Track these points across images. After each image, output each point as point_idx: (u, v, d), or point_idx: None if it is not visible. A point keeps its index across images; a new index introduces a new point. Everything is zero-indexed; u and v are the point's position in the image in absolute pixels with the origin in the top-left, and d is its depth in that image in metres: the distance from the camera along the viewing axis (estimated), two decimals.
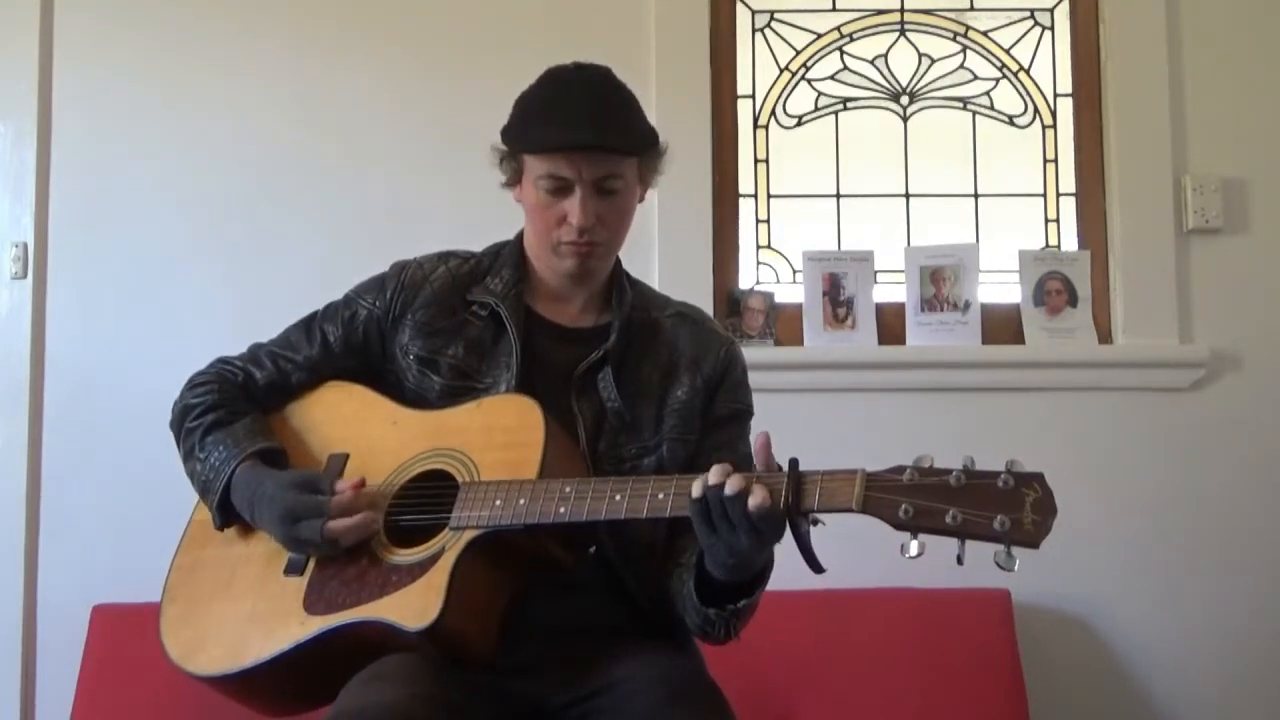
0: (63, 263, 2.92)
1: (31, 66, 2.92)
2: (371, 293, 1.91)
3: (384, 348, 1.89)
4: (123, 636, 2.61)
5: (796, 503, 1.50)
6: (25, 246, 2.90)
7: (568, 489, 1.63)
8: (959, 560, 1.44)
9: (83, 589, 2.75)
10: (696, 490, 1.54)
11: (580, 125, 1.77)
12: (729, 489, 1.51)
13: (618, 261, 1.93)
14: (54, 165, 2.93)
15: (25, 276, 2.89)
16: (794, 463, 1.53)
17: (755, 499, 1.50)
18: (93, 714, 2.59)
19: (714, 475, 1.54)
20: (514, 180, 1.86)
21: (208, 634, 1.77)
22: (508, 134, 1.85)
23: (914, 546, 1.45)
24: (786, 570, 1.56)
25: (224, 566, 1.82)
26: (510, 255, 1.91)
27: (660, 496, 1.59)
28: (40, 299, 2.90)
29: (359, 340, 1.90)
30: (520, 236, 1.93)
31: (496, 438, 1.72)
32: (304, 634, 1.68)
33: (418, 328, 1.86)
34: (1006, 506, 1.43)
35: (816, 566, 1.56)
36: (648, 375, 1.85)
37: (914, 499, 1.45)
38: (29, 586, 2.83)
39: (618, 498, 1.61)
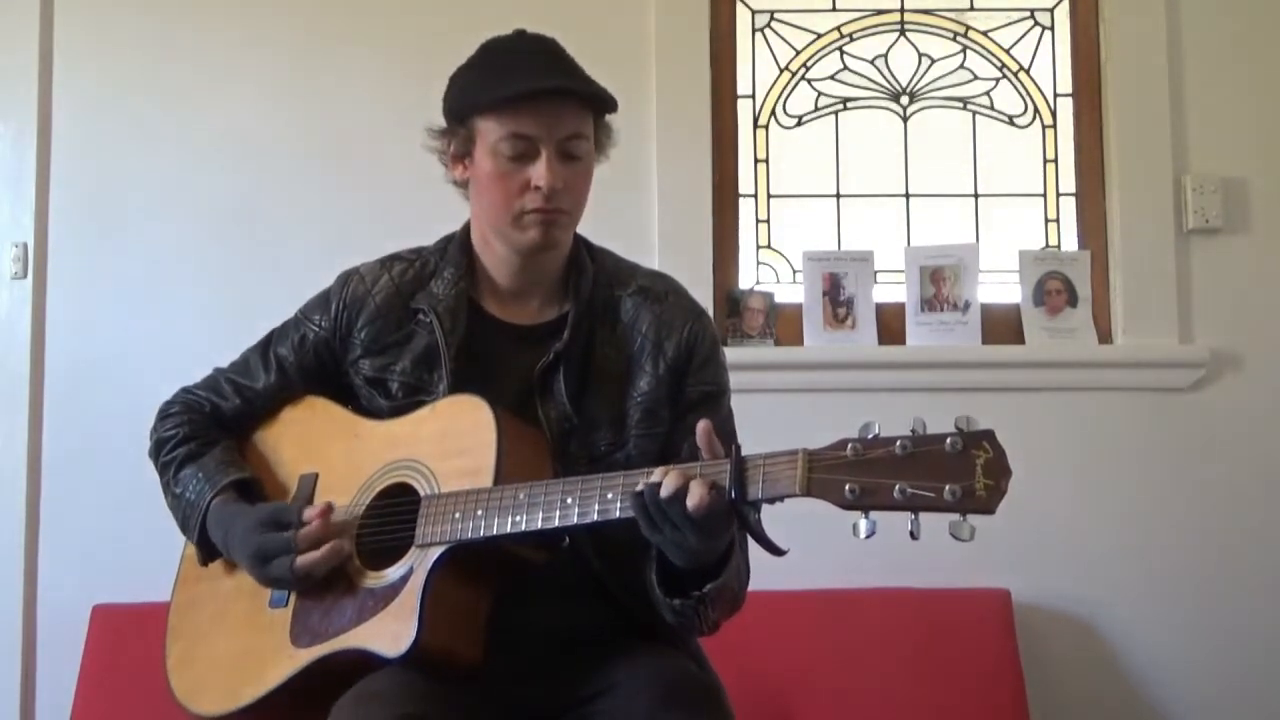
0: (63, 263, 2.92)
1: (31, 66, 2.92)
2: (318, 311, 1.86)
3: (338, 366, 1.85)
4: (123, 636, 2.62)
5: (740, 494, 1.44)
6: (25, 246, 2.90)
7: (521, 495, 1.58)
8: (912, 535, 1.37)
9: (83, 589, 2.75)
10: (637, 489, 1.49)
11: (544, 73, 1.70)
12: (664, 490, 1.46)
13: (576, 238, 1.84)
14: (54, 165, 2.93)
15: (25, 276, 2.89)
16: (736, 449, 1.46)
17: (693, 498, 1.45)
18: (93, 714, 2.60)
19: (655, 474, 1.49)
20: (463, 153, 1.76)
21: (207, 674, 1.77)
22: (456, 100, 1.76)
23: (864, 526, 1.38)
24: (787, 570, 1.56)
25: (216, 602, 1.81)
26: (455, 252, 1.83)
27: (609, 497, 1.53)
28: (40, 299, 2.90)
29: (312, 363, 1.86)
30: (467, 228, 1.85)
31: (451, 444, 1.68)
32: (293, 668, 1.67)
33: (365, 346, 1.81)
34: (956, 473, 1.36)
35: (774, 550, 1.51)
36: (611, 364, 1.77)
37: (859, 476, 1.38)
38: (29, 586, 2.83)
39: (569, 501, 1.55)
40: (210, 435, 1.85)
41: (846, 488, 1.39)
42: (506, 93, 1.70)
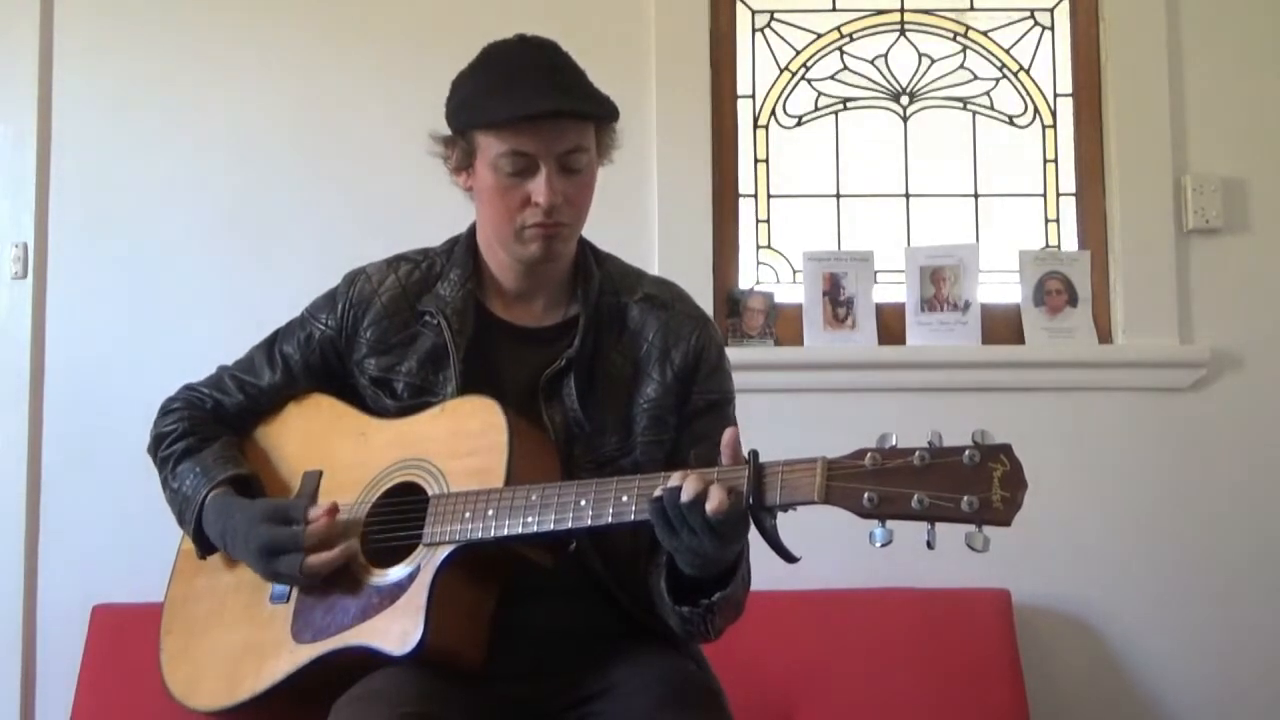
0: (63, 263, 2.92)
1: (31, 66, 2.92)
2: (324, 311, 1.86)
3: (344, 365, 1.85)
4: (123, 636, 2.62)
5: (758, 499, 1.46)
6: (25, 246, 2.90)
7: (534, 496, 1.59)
8: (929, 545, 1.39)
9: (83, 589, 2.75)
10: (655, 494, 1.50)
11: (542, 92, 1.67)
12: (685, 494, 1.47)
13: (581, 243, 1.84)
14: (54, 165, 2.93)
15: (25, 276, 2.89)
16: (754, 455, 1.48)
17: (712, 502, 1.45)
18: (93, 714, 2.60)
19: (673, 479, 1.50)
20: (464, 165, 1.76)
21: (204, 668, 1.77)
22: (456, 113, 1.75)
23: (880, 535, 1.40)
24: (788, 570, 1.55)
25: (214, 597, 1.81)
26: (461, 254, 1.83)
27: (624, 499, 1.54)
28: (40, 299, 2.90)
29: (317, 362, 1.86)
30: (472, 231, 1.85)
31: (461, 444, 1.68)
32: (294, 664, 1.67)
33: (371, 346, 1.81)
34: (974, 485, 1.37)
35: (788, 557, 1.51)
36: (618, 370, 1.78)
37: (877, 485, 1.40)
38: (29, 586, 2.83)
39: (583, 503, 1.56)
40: (209, 431, 1.85)
41: (865, 496, 1.40)
42: (503, 115, 1.69)
